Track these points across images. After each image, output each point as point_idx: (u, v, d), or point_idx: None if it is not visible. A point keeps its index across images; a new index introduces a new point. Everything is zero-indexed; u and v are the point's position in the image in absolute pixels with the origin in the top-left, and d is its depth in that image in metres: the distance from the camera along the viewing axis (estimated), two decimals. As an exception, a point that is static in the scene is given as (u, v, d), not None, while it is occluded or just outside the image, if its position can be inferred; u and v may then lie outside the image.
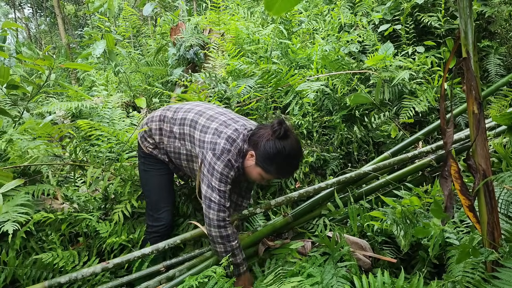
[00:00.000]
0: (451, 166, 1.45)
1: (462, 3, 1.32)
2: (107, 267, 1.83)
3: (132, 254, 1.89)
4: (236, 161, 1.84)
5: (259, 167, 1.84)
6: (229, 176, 1.83)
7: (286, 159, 1.79)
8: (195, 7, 7.21)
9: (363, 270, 1.80)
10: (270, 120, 2.95)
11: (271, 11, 1.10)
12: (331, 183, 2.20)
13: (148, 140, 2.09)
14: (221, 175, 1.81)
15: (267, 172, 1.84)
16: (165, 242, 1.94)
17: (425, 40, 3.35)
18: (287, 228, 2.16)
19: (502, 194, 1.72)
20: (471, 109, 1.36)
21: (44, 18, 14.71)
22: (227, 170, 1.81)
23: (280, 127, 1.77)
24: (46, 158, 2.31)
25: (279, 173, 1.86)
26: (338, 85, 3.00)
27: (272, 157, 1.78)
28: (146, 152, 2.09)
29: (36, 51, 3.08)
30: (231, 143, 1.83)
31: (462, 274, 1.46)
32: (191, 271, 1.87)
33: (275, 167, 1.81)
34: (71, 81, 7.01)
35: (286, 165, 1.82)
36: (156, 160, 2.09)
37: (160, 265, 1.93)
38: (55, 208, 2.31)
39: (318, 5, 4.58)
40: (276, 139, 1.78)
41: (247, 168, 1.88)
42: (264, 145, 1.79)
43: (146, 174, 2.13)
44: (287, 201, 2.10)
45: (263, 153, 1.79)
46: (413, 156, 2.29)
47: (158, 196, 2.10)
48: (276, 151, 1.77)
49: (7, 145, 2.32)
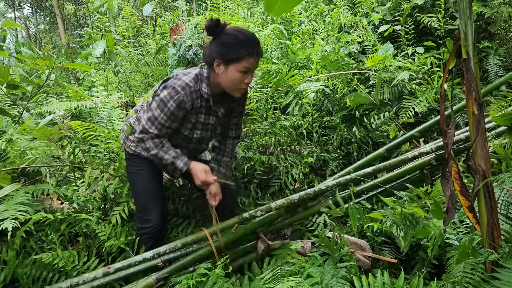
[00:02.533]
0: (452, 167, 1.45)
1: (462, 4, 1.32)
2: (108, 272, 1.83)
3: (133, 258, 1.88)
4: (194, 88, 1.84)
5: (230, 63, 1.78)
6: (169, 105, 1.82)
7: (244, 36, 1.77)
8: (195, 7, 7.21)
9: (363, 270, 1.80)
10: (270, 120, 2.95)
11: (271, 12, 1.10)
12: (331, 185, 2.20)
13: (129, 138, 2.08)
14: (161, 102, 1.83)
15: (240, 59, 1.77)
16: (166, 246, 1.93)
17: (425, 41, 3.35)
18: (283, 222, 2.15)
19: (502, 195, 1.72)
20: (471, 110, 1.36)
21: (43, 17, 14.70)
22: (168, 98, 1.81)
23: (211, 22, 1.75)
24: (45, 159, 2.30)
25: (250, 50, 1.77)
26: (338, 85, 3.01)
27: (232, 43, 1.76)
28: (130, 152, 2.08)
29: (36, 51, 3.08)
30: (184, 74, 1.87)
31: (461, 275, 1.46)
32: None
33: (241, 49, 1.76)
34: (70, 81, 7.01)
35: (248, 40, 1.78)
36: (141, 160, 2.06)
37: (158, 259, 1.91)
38: (54, 208, 2.31)
39: (318, 5, 4.59)
40: (220, 34, 1.78)
41: (223, 78, 1.83)
42: (216, 44, 1.78)
43: (133, 176, 2.12)
44: (287, 204, 2.09)
45: (222, 48, 1.77)
46: (414, 157, 2.29)
47: (146, 197, 2.08)
48: (230, 37, 1.76)
49: (7, 145, 2.32)
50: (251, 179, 2.69)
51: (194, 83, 1.86)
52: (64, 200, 2.33)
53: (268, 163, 2.71)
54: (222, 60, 1.79)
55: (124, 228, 2.21)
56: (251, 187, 2.67)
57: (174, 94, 1.82)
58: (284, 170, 2.72)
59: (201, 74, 1.87)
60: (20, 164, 2.24)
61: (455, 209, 1.46)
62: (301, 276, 1.64)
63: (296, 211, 2.16)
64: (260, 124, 2.95)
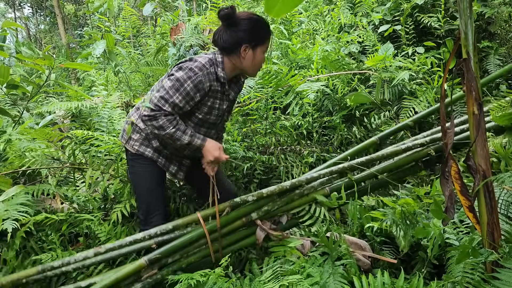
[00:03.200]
0: (451, 166, 1.45)
1: (462, 4, 1.32)
2: (99, 252, 1.83)
3: (124, 239, 1.87)
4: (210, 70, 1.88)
5: (258, 47, 1.90)
6: (186, 85, 1.83)
7: (260, 18, 1.90)
8: (195, 7, 7.21)
9: (363, 270, 1.80)
10: (270, 120, 2.95)
11: (271, 13, 1.10)
12: (323, 173, 2.17)
13: (132, 136, 2.03)
14: (177, 82, 1.84)
15: (264, 41, 1.92)
16: (157, 228, 1.92)
17: (425, 40, 3.35)
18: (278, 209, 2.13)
19: (502, 195, 1.72)
20: (471, 110, 1.36)
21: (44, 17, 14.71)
22: (186, 78, 1.83)
23: (227, 11, 1.82)
24: (44, 161, 2.30)
25: (269, 31, 1.94)
26: (338, 85, 3.01)
27: (256, 27, 1.88)
28: (133, 152, 2.03)
29: (36, 51, 3.08)
30: (199, 57, 1.91)
31: (461, 275, 1.46)
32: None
33: (264, 31, 1.91)
34: (71, 81, 7.01)
35: (263, 22, 1.91)
36: (144, 160, 2.02)
37: (151, 240, 1.90)
38: (55, 208, 2.31)
39: (318, 5, 4.59)
40: (235, 20, 1.85)
41: (250, 62, 1.92)
42: (240, 30, 1.86)
43: (136, 177, 2.08)
44: (279, 190, 2.07)
45: (248, 34, 1.87)
46: (407, 148, 2.26)
47: (150, 200, 2.06)
48: (252, 21, 1.87)
49: (6, 145, 2.32)
50: (251, 179, 2.69)
51: (210, 66, 1.89)
52: (64, 200, 2.33)
53: (268, 163, 2.71)
54: (250, 44, 1.87)
55: (124, 228, 2.21)
56: (251, 187, 2.67)
57: (192, 75, 1.83)
58: (284, 170, 2.72)
59: (216, 59, 1.92)
60: (20, 165, 2.23)
61: (454, 209, 1.46)
62: (301, 276, 1.64)
63: (292, 199, 2.12)
64: (260, 124, 2.95)
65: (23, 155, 2.30)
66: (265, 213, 2.07)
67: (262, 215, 2.06)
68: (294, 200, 2.13)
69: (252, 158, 2.66)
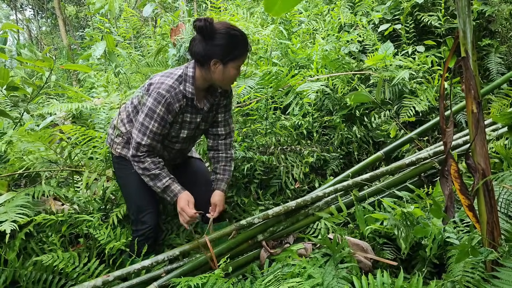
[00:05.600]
0: (451, 165, 1.44)
1: (461, 2, 1.32)
2: (107, 280, 1.82)
3: (132, 267, 1.87)
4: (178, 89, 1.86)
5: (228, 63, 1.82)
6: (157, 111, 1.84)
7: (238, 35, 1.81)
8: (195, 8, 7.21)
9: (364, 271, 1.79)
10: (270, 120, 2.95)
11: (271, 12, 1.10)
12: (328, 192, 2.18)
13: (115, 141, 2.07)
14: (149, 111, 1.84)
15: (237, 58, 1.83)
16: (164, 254, 1.92)
17: (425, 39, 3.34)
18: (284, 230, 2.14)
19: (502, 194, 1.71)
20: (470, 109, 1.36)
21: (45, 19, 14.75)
22: (156, 104, 1.83)
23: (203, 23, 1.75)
24: (43, 164, 2.30)
25: (245, 48, 1.85)
26: (338, 85, 3.00)
27: (230, 43, 1.79)
28: (116, 155, 2.08)
29: (36, 53, 3.08)
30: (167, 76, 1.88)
31: (462, 274, 1.46)
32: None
33: (239, 49, 1.82)
34: (72, 83, 7.03)
35: (242, 39, 1.83)
36: (128, 162, 2.03)
37: (161, 270, 1.91)
38: (55, 209, 2.32)
39: (318, 5, 4.58)
40: (212, 33, 1.78)
41: (220, 76, 1.85)
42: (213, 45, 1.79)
43: (123, 179, 2.11)
44: (285, 210, 2.09)
45: (220, 49, 1.79)
46: (410, 163, 2.27)
47: (139, 199, 2.06)
48: (227, 37, 1.78)
49: (7, 147, 2.32)
50: (251, 179, 2.69)
51: (178, 84, 1.87)
52: (64, 201, 2.33)
53: (268, 163, 2.71)
54: (222, 60, 1.81)
55: (124, 230, 2.21)
56: (251, 187, 2.66)
57: (161, 99, 1.83)
58: (284, 170, 2.72)
59: (186, 74, 1.89)
60: (19, 167, 2.24)
61: (454, 208, 1.45)
62: (302, 277, 1.63)
63: (297, 219, 2.14)
64: (260, 124, 2.95)
65: (25, 155, 2.31)
66: (271, 233, 2.08)
67: (268, 236, 2.07)
68: (299, 220, 2.15)
69: (252, 158, 2.65)
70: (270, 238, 2.08)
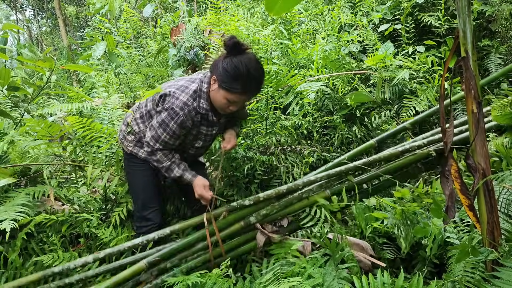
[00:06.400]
0: (451, 165, 1.44)
1: (461, 2, 1.32)
2: (98, 257, 1.84)
3: (123, 245, 1.89)
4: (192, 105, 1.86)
5: (222, 89, 1.81)
6: (170, 126, 1.87)
7: (246, 73, 1.77)
8: (195, 8, 7.22)
9: (364, 271, 1.79)
10: (270, 120, 2.95)
11: (272, 11, 1.10)
12: (320, 176, 2.16)
13: (127, 138, 2.10)
14: (162, 123, 1.88)
15: (231, 91, 1.80)
16: (155, 233, 1.94)
17: (426, 39, 3.34)
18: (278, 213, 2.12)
19: (502, 193, 1.71)
20: (470, 108, 1.35)
21: (45, 20, 14.76)
22: (169, 119, 1.86)
23: (230, 42, 1.77)
24: (46, 158, 2.31)
25: (244, 89, 1.81)
26: (339, 85, 3.00)
27: (232, 73, 1.77)
28: (127, 152, 2.11)
29: (37, 53, 3.09)
30: (182, 91, 1.87)
31: (462, 274, 1.46)
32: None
33: (237, 84, 1.79)
34: (72, 83, 7.03)
35: (247, 80, 1.79)
36: (137, 160, 2.08)
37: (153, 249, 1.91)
38: (55, 209, 2.32)
39: (318, 5, 4.58)
40: (232, 56, 1.79)
41: (212, 94, 1.86)
42: (222, 64, 1.80)
43: (131, 175, 2.14)
44: (276, 194, 2.08)
45: (223, 72, 1.79)
46: (405, 150, 2.25)
47: (145, 196, 2.09)
48: (234, 66, 1.77)
49: (8, 147, 2.33)
50: (251, 179, 2.69)
51: (193, 101, 1.88)
52: (65, 201, 2.33)
53: (268, 163, 2.71)
54: (220, 83, 1.82)
55: (124, 229, 2.21)
56: (252, 187, 2.66)
57: (174, 116, 1.85)
58: (284, 170, 2.72)
59: (200, 89, 1.89)
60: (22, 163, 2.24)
61: (455, 208, 1.45)
62: (302, 277, 1.63)
63: (291, 203, 2.12)
64: (260, 124, 2.95)
65: (25, 154, 2.31)
66: (264, 216, 2.07)
67: (261, 218, 2.06)
68: (293, 203, 2.14)
69: (253, 158, 2.65)
70: (263, 221, 2.07)
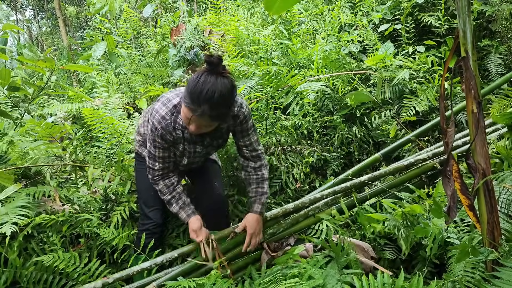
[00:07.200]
0: (452, 166, 1.44)
1: (461, 2, 1.32)
2: (107, 282, 1.83)
3: (131, 269, 1.88)
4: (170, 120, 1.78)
5: (184, 104, 1.61)
6: (157, 140, 1.84)
7: (200, 93, 1.53)
8: (195, 8, 7.22)
9: (365, 271, 1.79)
10: (270, 120, 2.95)
11: (271, 10, 1.10)
12: (326, 194, 2.17)
13: (136, 137, 2.16)
14: (150, 137, 1.86)
15: (187, 108, 1.60)
16: (163, 256, 1.94)
17: (426, 39, 3.34)
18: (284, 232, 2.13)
19: (502, 193, 1.71)
20: (470, 109, 1.36)
21: (45, 20, 14.76)
22: (153, 134, 1.83)
23: (214, 59, 1.55)
24: (46, 159, 2.32)
25: (195, 109, 1.57)
26: (339, 85, 3.00)
27: (190, 90, 1.55)
28: (135, 151, 2.19)
29: (37, 53, 3.09)
30: (164, 104, 1.80)
31: (462, 274, 1.46)
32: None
33: (192, 102, 1.56)
34: (72, 83, 7.03)
35: (200, 100, 1.54)
36: (143, 159, 2.10)
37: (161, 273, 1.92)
38: (56, 209, 2.32)
39: (318, 5, 4.58)
40: (207, 74, 1.56)
41: (181, 109, 1.68)
42: (191, 78, 1.59)
43: (138, 173, 2.19)
44: (283, 213, 2.10)
45: (187, 86, 1.58)
46: (409, 164, 2.26)
47: (148, 195, 2.12)
48: (196, 83, 1.53)
49: (8, 147, 2.33)
50: (252, 180, 2.69)
51: (171, 115, 1.79)
52: (65, 201, 2.33)
53: (269, 163, 2.71)
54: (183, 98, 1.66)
55: (125, 228, 2.22)
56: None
57: (154, 130, 1.83)
58: (285, 170, 2.72)
59: (180, 104, 1.77)
60: (22, 164, 2.25)
61: (456, 208, 1.45)
62: (302, 278, 1.63)
63: (297, 221, 2.13)
64: (260, 124, 2.95)
65: (25, 155, 2.31)
66: (271, 235, 2.08)
67: (268, 237, 2.07)
68: (299, 221, 2.14)
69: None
70: (270, 240, 2.08)
